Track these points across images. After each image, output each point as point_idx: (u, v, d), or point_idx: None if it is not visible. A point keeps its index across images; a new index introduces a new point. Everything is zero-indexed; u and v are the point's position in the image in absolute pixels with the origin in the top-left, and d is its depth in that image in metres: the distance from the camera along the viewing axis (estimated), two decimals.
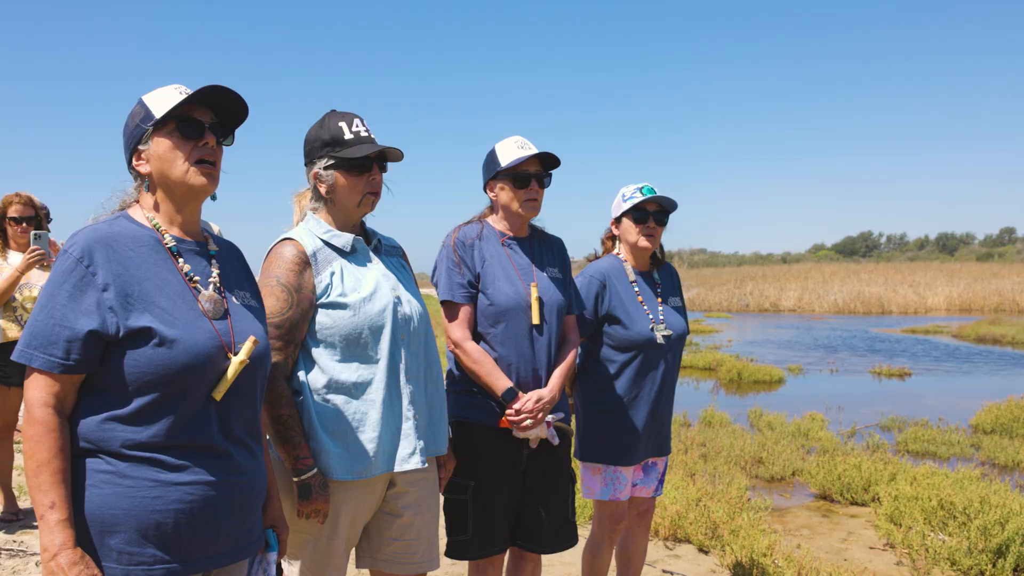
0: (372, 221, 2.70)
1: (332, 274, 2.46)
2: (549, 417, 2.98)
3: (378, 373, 2.45)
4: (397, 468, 2.49)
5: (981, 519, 4.89)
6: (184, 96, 1.91)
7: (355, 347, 2.44)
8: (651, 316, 3.40)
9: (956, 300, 36.51)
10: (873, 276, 42.52)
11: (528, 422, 2.90)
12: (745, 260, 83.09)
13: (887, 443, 8.46)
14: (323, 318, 2.43)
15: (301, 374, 2.43)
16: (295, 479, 2.37)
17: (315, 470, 2.37)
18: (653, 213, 3.42)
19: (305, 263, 2.43)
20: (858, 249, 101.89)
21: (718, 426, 9.17)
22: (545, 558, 4.34)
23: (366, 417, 2.43)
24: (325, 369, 2.43)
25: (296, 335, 2.41)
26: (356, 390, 2.43)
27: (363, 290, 2.47)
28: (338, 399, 2.42)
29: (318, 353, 2.44)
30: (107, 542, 1.74)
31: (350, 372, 2.43)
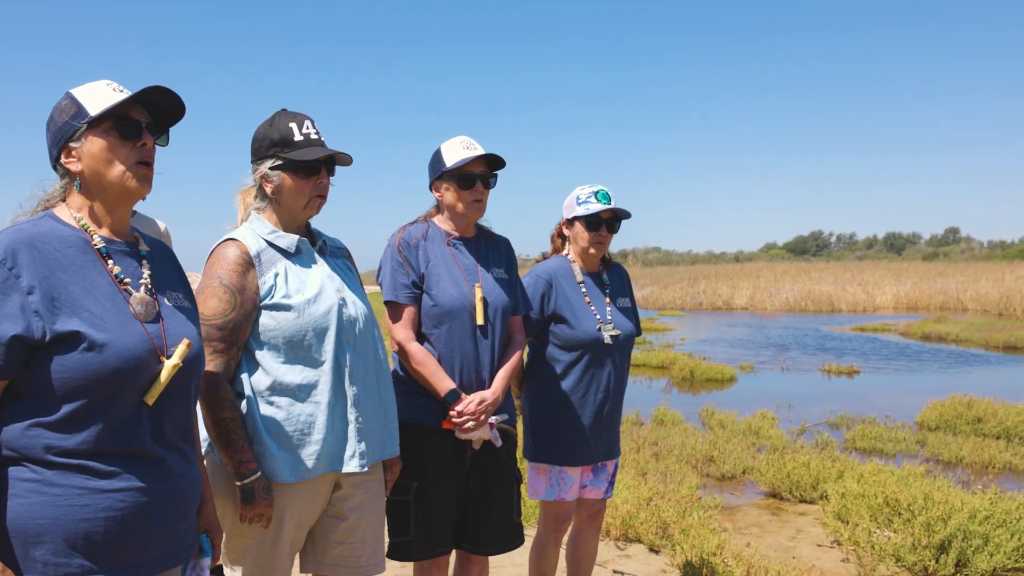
0: (318, 221, 2.67)
1: (276, 275, 2.43)
2: (492, 419, 2.97)
3: (323, 375, 2.42)
4: (341, 470, 2.47)
5: (925, 515, 4.98)
6: (121, 94, 1.86)
7: (299, 349, 2.40)
8: (598, 316, 3.41)
9: (903, 299, 37.30)
10: (823, 275, 43.26)
11: (470, 424, 2.90)
12: (699, 259, 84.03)
13: (835, 441, 8.61)
14: (267, 320, 2.40)
15: (244, 376, 2.39)
16: (238, 483, 2.33)
17: (259, 473, 2.33)
18: (607, 221, 3.44)
19: (248, 264, 2.40)
20: (809, 248, 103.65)
21: (670, 425, 9.25)
22: (496, 559, 4.35)
23: (311, 419, 2.40)
24: (269, 371, 2.39)
25: (239, 337, 2.37)
26: (300, 392, 2.40)
27: (307, 291, 2.44)
28: (282, 401, 2.38)
29: (261, 355, 2.40)
30: (32, 554, 1.68)
31: (294, 374, 2.40)
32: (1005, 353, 18.35)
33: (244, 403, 2.38)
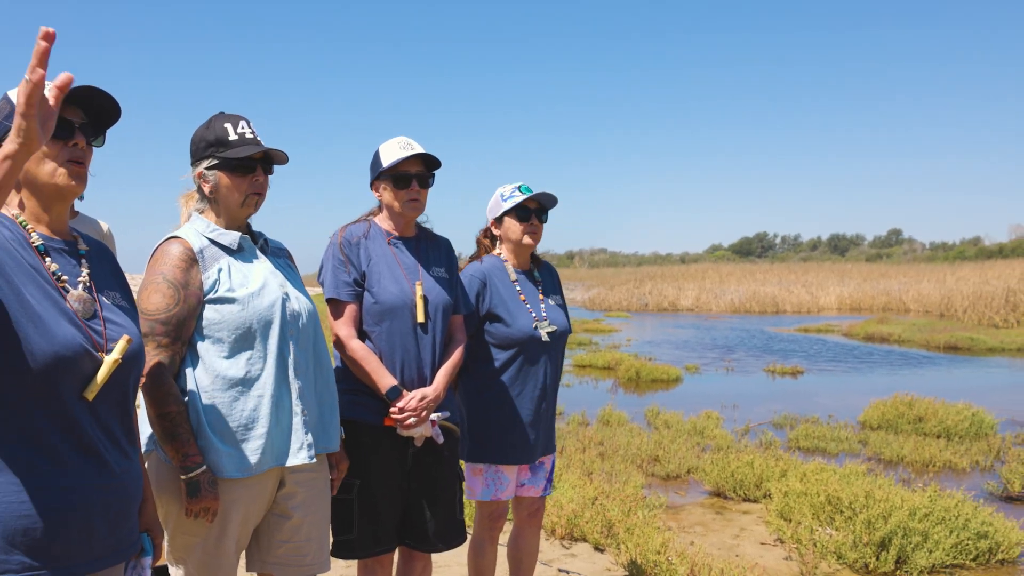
0: (261, 222, 2.76)
1: (220, 270, 2.48)
2: (434, 416, 3.01)
3: (267, 368, 2.47)
4: (287, 463, 2.51)
5: (866, 513, 5.12)
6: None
7: (243, 342, 2.45)
8: (534, 314, 3.49)
9: (847, 299, 38.20)
10: (768, 276, 44.09)
11: (412, 420, 2.94)
12: (645, 260, 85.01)
13: (779, 440, 8.78)
14: (211, 313, 2.45)
15: (188, 371, 2.43)
16: (183, 476, 2.35)
17: (204, 467, 2.37)
18: (535, 211, 3.53)
19: (192, 260, 2.45)
20: (754, 249, 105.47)
21: (616, 425, 9.35)
22: (441, 558, 4.37)
23: (255, 413, 2.45)
24: (212, 366, 2.43)
25: (183, 332, 2.41)
26: (244, 385, 2.45)
27: (251, 285, 2.50)
28: (226, 395, 2.43)
29: (204, 349, 2.44)
30: None
31: (238, 368, 2.44)
32: (946, 353, 18.89)
33: (188, 398, 2.41)
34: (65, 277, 1.89)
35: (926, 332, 22.17)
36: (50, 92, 1.52)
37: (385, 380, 2.94)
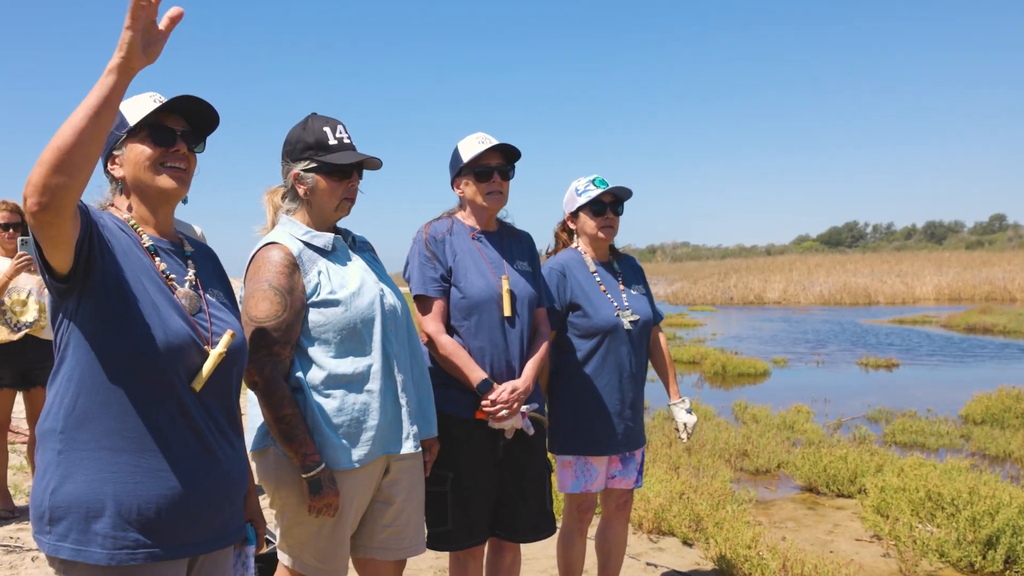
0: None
1: (319, 273, 2.57)
2: (524, 408, 3.05)
3: (373, 364, 2.58)
4: (399, 451, 2.64)
5: (970, 510, 4.95)
6: (158, 104, 2.03)
7: (349, 341, 2.55)
8: (615, 303, 3.50)
9: (945, 289, 36.94)
10: (859, 266, 42.95)
11: (503, 412, 2.98)
12: (728, 253, 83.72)
13: (874, 435, 8.56)
14: (315, 316, 2.54)
15: (299, 373, 2.53)
16: (304, 476, 2.46)
17: (323, 465, 2.48)
18: (610, 204, 3.54)
19: (293, 265, 2.54)
20: (844, 240, 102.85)
21: (702, 419, 9.23)
22: (529, 550, 4.40)
23: (365, 407, 2.55)
24: (322, 365, 2.53)
25: (291, 336, 2.51)
26: (353, 382, 2.55)
27: (350, 286, 2.59)
28: (337, 393, 2.53)
29: (313, 351, 2.54)
30: (93, 527, 1.83)
31: (346, 366, 2.54)
32: None
33: (301, 398, 2.51)
34: (173, 276, 2.04)
35: None
36: (163, 20, 1.66)
37: (476, 374, 2.99)
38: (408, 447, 2.65)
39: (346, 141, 2.62)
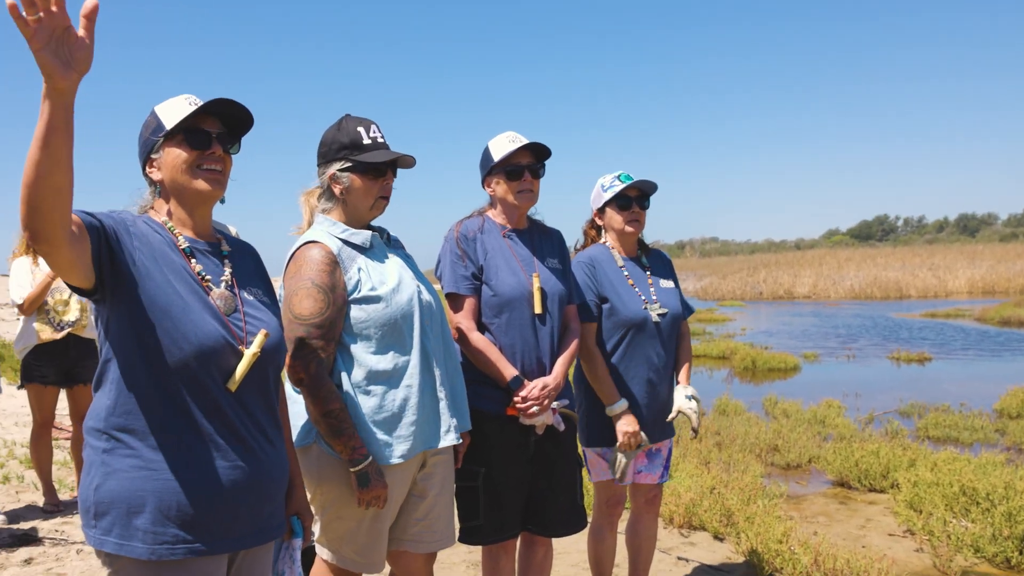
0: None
1: (359, 270, 2.59)
2: (554, 404, 3.07)
3: (412, 359, 2.61)
4: (439, 444, 2.68)
5: (1006, 505, 4.89)
6: (193, 107, 2.05)
7: (390, 337, 2.58)
8: (643, 297, 3.51)
9: (978, 283, 36.39)
10: (890, 260, 42.44)
11: (534, 409, 3.00)
12: (758, 248, 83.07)
13: (906, 429, 8.48)
14: (357, 312, 2.57)
15: (341, 370, 2.56)
16: (353, 469, 2.50)
17: (370, 458, 2.51)
18: (635, 198, 3.55)
19: (334, 263, 2.56)
20: (874, 233, 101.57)
21: (732, 414, 9.20)
22: (561, 545, 4.42)
23: (406, 402, 2.58)
24: (363, 362, 2.56)
25: (335, 332, 2.54)
26: (394, 377, 2.58)
27: (389, 282, 2.62)
28: (378, 388, 2.56)
29: (355, 348, 2.58)
30: (134, 522, 1.87)
31: (387, 361, 2.57)
32: None
33: (344, 395, 2.55)
34: (208, 276, 2.06)
35: None
36: (80, 23, 1.54)
37: (507, 371, 3.01)
38: (448, 440, 2.69)
39: (380, 140, 2.65)
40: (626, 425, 3.34)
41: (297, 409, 2.61)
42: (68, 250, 1.69)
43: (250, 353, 2.00)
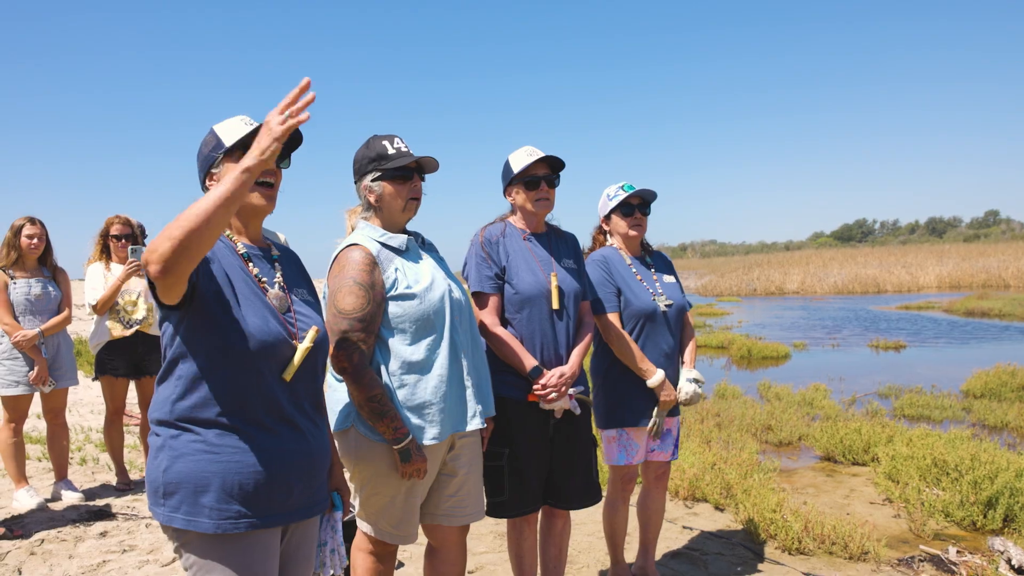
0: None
1: (396, 270, 2.56)
2: (571, 390, 3.03)
3: (441, 351, 2.56)
4: (465, 428, 2.62)
5: (972, 474, 4.82)
6: (250, 127, 2.05)
7: (423, 330, 2.54)
8: (651, 290, 3.47)
9: (946, 278, 35.77)
10: (869, 259, 41.81)
11: (553, 395, 2.97)
12: (752, 249, 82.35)
13: (885, 409, 8.33)
14: (394, 308, 2.53)
15: (378, 361, 2.53)
16: (396, 447, 2.47)
17: (411, 436, 2.48)
18: (637, 206, 3.53)
19: (373, 263, 2.52)
20: (854, 235, 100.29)
21: (731, 398, 9.10)
22: (578, 516, 4.39)
23: (437, 390, 2.54)
24: (398, 353, 2.52)
25: (375, 325, 2.51)
26: (426, 367, 2.54)
27: (423, 281, 2.58)
28: (411, 377, 2.52)
29: (392, 341, 2.54)
30: (201, 500, 1.86)
31: (419, 353, 2.53)
32: None
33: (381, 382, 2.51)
34: (264, 279, 2.05)
35: None
36: (304, 114, 1.69)
37: (528, 361, 2.98)
38: (474, 424, 2.63)
39: (404, 149, 2.61)
40: (667, 390, 3.38)
41: (337, 396, 2.59)
42: (186, 282, 1.74)
43: (304, 347, 1.99)
